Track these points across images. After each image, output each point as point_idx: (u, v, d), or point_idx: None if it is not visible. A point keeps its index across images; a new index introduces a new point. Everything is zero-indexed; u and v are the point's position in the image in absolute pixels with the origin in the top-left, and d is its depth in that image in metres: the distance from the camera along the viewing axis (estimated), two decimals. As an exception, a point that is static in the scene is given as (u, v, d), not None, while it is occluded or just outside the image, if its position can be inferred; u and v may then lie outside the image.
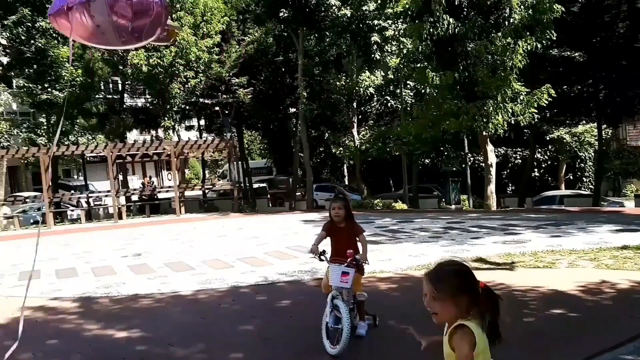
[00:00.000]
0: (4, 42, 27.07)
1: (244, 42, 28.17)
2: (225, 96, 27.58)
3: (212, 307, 7.87)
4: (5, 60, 28.02)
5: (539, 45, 19.59)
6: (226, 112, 29.93)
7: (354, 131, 28.38)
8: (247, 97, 27.40)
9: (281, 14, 25.70)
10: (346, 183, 34.12)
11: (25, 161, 30.35)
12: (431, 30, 20.94)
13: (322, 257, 5.98)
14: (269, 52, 28.82)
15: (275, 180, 36.21)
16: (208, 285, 9.10)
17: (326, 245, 6.05)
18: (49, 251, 14.98)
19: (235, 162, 26.88)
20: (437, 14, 20.38)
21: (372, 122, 31.36)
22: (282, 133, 33.99)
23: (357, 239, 6.10)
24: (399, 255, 10.60)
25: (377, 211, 21.67)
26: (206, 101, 28.58)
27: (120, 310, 7.98)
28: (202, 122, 34.66)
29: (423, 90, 25.11)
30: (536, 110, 20.54)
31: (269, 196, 30.72)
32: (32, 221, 24.67)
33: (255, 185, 31.97)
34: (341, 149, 29.01)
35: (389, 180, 35.07)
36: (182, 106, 28.66)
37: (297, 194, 30.10)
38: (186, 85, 26.29)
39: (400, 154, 27.48)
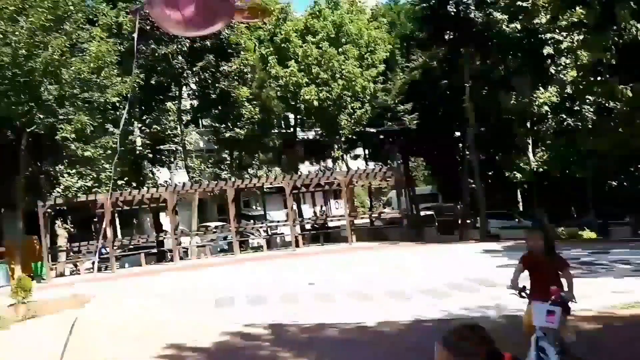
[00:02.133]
0: (193, 86, 30.37)
1: (408, 68, 28.31)
2: (390, 123, 27.86)
3: (398, 341, 7.76)
4: (195, 103, 31.35)
5: None
6: (391, 139, 30.17)
7: (529, 153, 26.70)
8: (413, 123, 27.36)
9: (446, 37, 25.36)
10: (520, 209, 32.07)
11: (211, 193, 33.42)
12: (616, 39, 19.07)
13: (523, 294, 5.58)
14: (434, 76, 28.56)
15: (442, 208, 35.20)
16: (390, 317, 9.02)
17: (525, 279, 5.63)
18: (239, 278, 16.15)
19: (401, 190, 26.82)
20: (623, 20, 18.51)
21: (549, 142, 29.21)
22: (448, 158, 33.22)
23: (560, 273, 5.59)
24: (599, 291, 9.51)
25: (562, 240, 19.89)
26: (372, 130, 29.09)
27: (309, 339, 8.23)
28: (368, 150, 35.32)
29: (608, 105, 22.86)
30: None
31: (436, 224, 29.98)
32: (219, 249, 26.95)
33: (422, 213, 31.46)
34: (515, 172, 27.39)
35: (569, 206, 32.19)
36: (350, 136, 29.48)
37: (467, 221, 28.98)
38: (353, 116, 27.04)
39: (583, 177, 25.12)
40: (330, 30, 27.17)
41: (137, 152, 27.22)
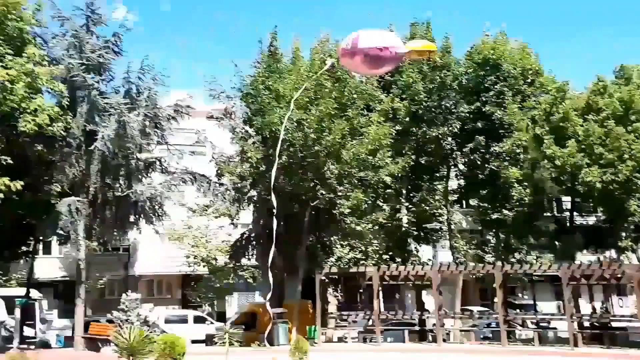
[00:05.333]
0: (461, 166, 30.27)
1: None
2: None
3: None
4: (462, 182, 31.08)
5: None
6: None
7: None
8: None
9: None
10: None
11: (475, 276, 32.14)
12: None
13: None
14: None
15: None
16: None
17: None
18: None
19: None
20: None
21: None
22: None
23: None
24: None
25: None
26: (674, 216, 24.70)
27: None
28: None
29: None
30: None
31: None
32: (482, 336, 25.39)
33: None
34: None
35: None
36: (641, 224, 25.56)
37: None
38: (647, 201, 23.48)
39: None
40: (617, 108, 24.60)
41: (403, 229, 27.94)
